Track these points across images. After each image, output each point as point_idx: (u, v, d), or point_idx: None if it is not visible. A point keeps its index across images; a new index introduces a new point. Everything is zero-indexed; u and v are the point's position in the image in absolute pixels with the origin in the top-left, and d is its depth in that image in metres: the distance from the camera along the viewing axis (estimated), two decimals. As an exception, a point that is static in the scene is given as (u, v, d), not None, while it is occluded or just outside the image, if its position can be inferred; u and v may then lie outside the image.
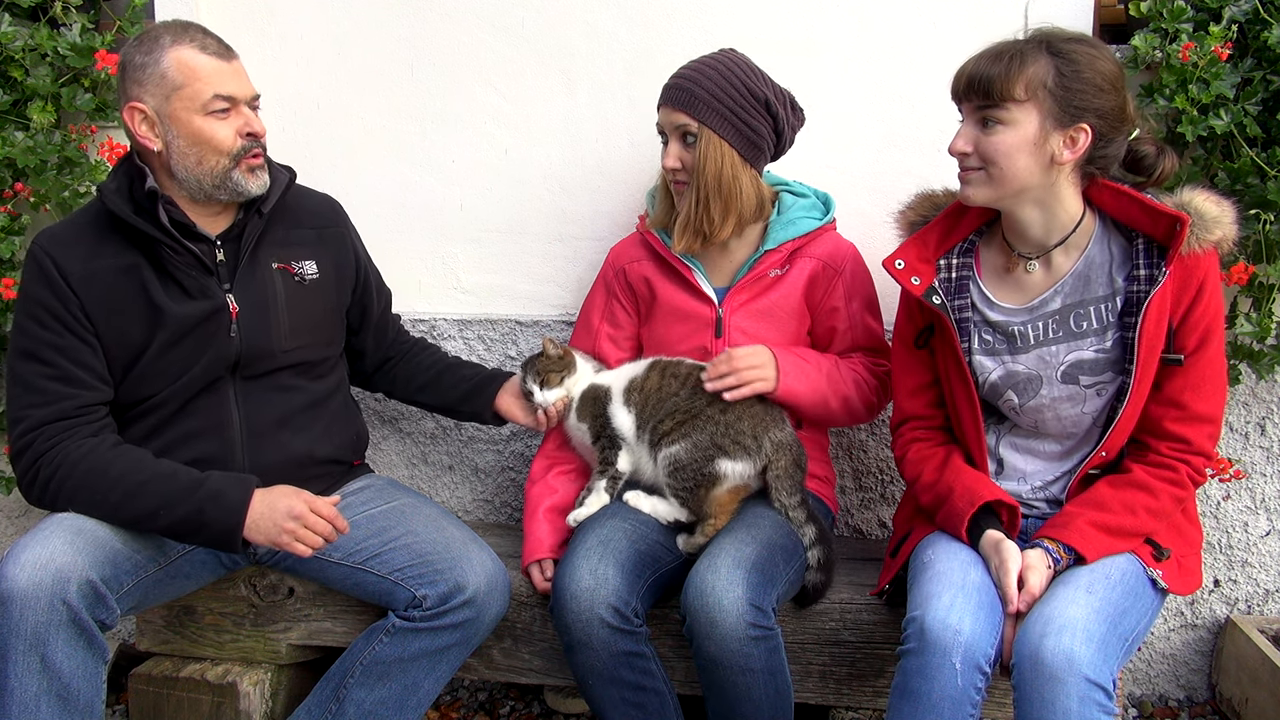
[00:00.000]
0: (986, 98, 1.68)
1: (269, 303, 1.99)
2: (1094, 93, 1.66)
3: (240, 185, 1.91)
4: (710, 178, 2.01)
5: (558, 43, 2.51)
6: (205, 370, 1.94)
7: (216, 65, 1.87)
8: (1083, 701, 1.49)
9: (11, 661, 1.66)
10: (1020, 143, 1.68)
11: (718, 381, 1.97)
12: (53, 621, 1.67)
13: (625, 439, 2.06)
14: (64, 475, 1.81)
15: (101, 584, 1.73)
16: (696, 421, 1.96)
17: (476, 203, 2.61)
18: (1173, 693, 2.46)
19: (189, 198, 1.92)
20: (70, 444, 1.82)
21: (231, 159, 1.89)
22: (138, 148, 1.91)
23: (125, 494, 1.80)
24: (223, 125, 1.88)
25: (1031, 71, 1.66)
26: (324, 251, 2.10)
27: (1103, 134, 1.69)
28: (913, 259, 1.85)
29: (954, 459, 1.87)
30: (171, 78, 1.84)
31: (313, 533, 1.82)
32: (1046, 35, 1.70)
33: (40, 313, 1.85)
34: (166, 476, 1.82)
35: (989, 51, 1.71)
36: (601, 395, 2.10)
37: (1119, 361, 1.76)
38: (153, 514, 1.80)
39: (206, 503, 1.79)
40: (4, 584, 1.67)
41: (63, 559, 1.70)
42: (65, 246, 1.88)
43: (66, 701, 1.70)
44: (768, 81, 2.05)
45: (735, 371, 1.97)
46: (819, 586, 1.96)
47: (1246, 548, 2.39)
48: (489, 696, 2.52)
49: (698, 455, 1.95)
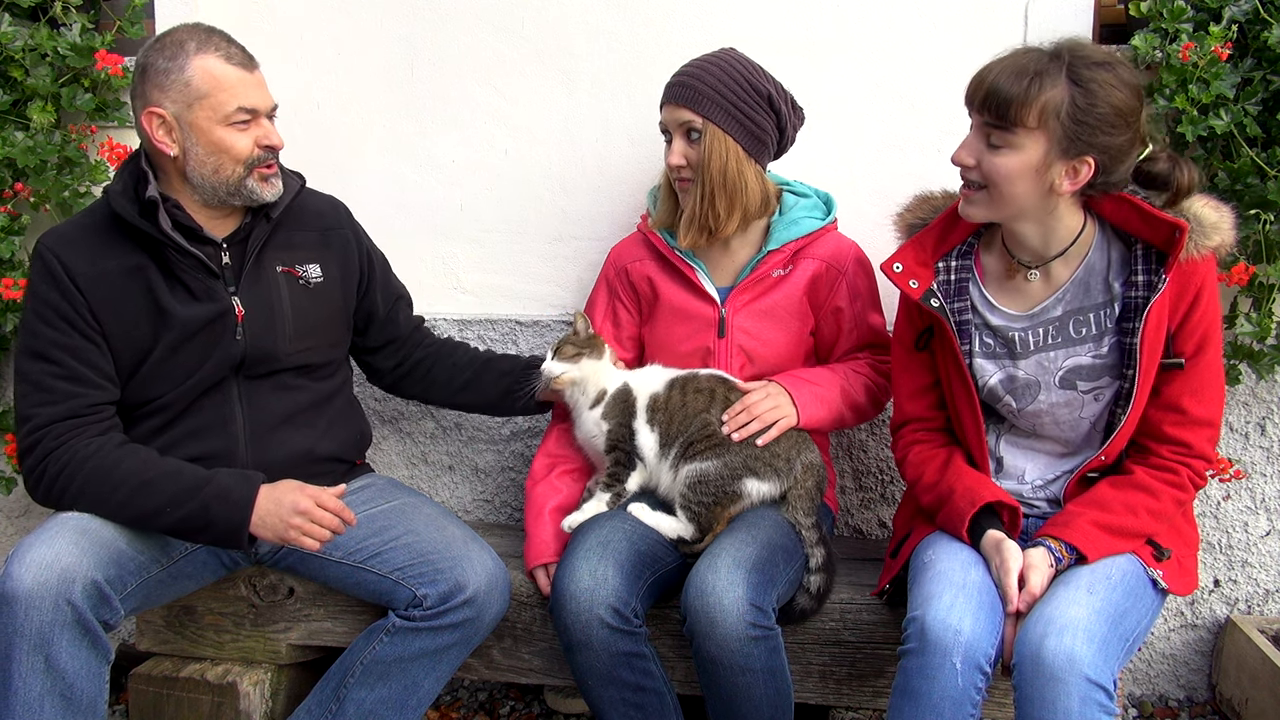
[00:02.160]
0: (999, 118, 1.65)
1: (273, 306, 1.99)
2: (1104, 129, 1.63)
3: (254, 192, 1.92)
4: (716, 172, 2.01)
5: (558, 43, 2.51)
6: (210, 372, 1.94)
7: (240, 76, 1.87)
8: (1084, 702, 1.49)
9: (16, 661, 1.66)
10: (1022, 168, 1.66)
11: (743, 430, 1.96)
12: (57, 622, 1.67)
13: (644, 458, 2.04)
14: (70, 473, 1.81)
15: (106, 584, 1.73)
16: (734, 445, 1.96)
17: (476, 203, 2.61)
18: (1173, 693, 2.46)
19: (201, 202, 1.93)
20: (77, 443, 1.82)
21: (246, 168, 1.89)
22: (149, 151, 1.91)
23: (131, 492, 1.80)
24: (242, 136, 1.88)
25: (1047, 99, 1.62)
26: (329, 254, 2.09)
27: (1105, 166, 1.67)
28: (911, 262, 1.85)
29: (955, 460, 1.87)
30: (196, 86, 1.84)
31: (320, 526, 1.84)
32: (1070, 53, 1.65)
33: (47, 312, 1.86)
34: (172, 475, 1.82)
35: (1010, 65, 1.66)
36: (631, 403, 2.06)
37: (1116, 366, 1.76)
38: (158, 512, 1.80)
39: (212, 500, 1.80)
40: (9, 584, 1.67)
41: (68, 559, 1.70)
42: (72, 247, 1.88)
43: (70, 702, 1.70)
44: (769, 78, 2.06)
45: (757, 417, 1.96)
46: (806, 611, 1.95)
47: (1246, 548, 2.39)
48: (489, 696, 2.52)
49: (726, 474, 1.94)
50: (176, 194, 1.92)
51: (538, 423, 2.59)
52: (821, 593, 1.94)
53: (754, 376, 2.12)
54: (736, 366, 2.12)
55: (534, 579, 2.08)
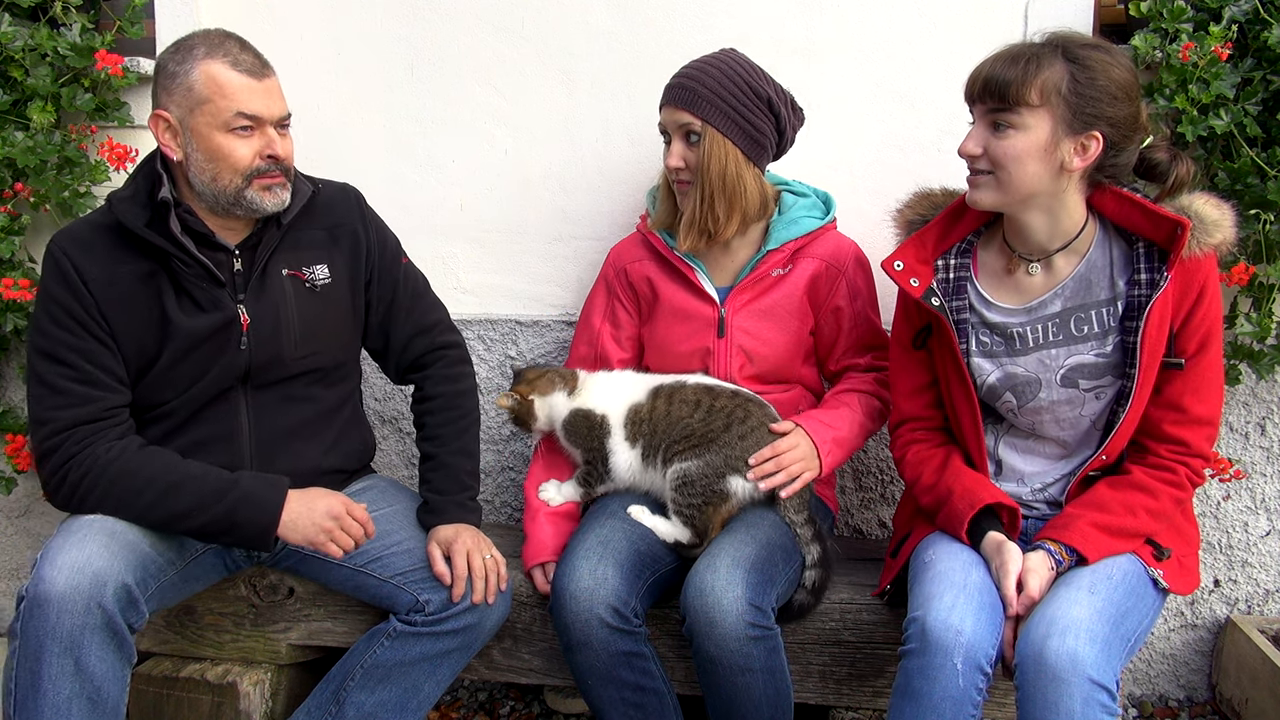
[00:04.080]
0: (1000, 101, 1.67)
1: (279, 311, 1.96)
2: (1108, 101, 1.65)
3: (255, 203, 1.88)
4: (715, 176, 2.01)
5: (558, 43, 2.51)
6: (214, 381, 1.93)
7: (245, 83, 1.84)
8: (1086, 703, 1.49)
9: (46, 664, 1.66)
10: (1031, 148, 1.67)
11: (768, 481, 1.94)
12: (88, 625, 1.67)
13: (618, 477, 2.06)
14: (94, 478, 1.80)
15: (135, 587, 1.73)
16: (713, 445, 1.96)
17: (476, 203, 2.61)
18: (1173, 693, 2.46)
19: (208, 209, 1.91)
20: (99, 446, 1.81)
21: (245, 179, 1.85)
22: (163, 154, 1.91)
23: (158, 495, 1.80)
24: (242, 144, 1.84)
25: (1046, 76, 1.64)
26: (336, 253, 2.05)
27: (1114, 143, 1.68)
28: (911, 260, 1.85)
29: (953, 460, 1.87)
30: (197, 91, 1.82)
31: (347, 535, 1.87)
32: (1062, 39, 1.69)
33: (59, 313, 1.85)
34: (198, 478, 1.82)
35: (1004, 54, 1.69)
36: (595, 424, 2.06)
37: (1119, 365, 1.76)
38: (186, 514, 1.80)
39: (239, 504, 1.80)
40: (42, 586, 1.66)
41: (100, 562, 1.69)
42: (85, 249, 1.86)
43: (96, 705, 1.69)
44: (769, 80, 2.06)
45: (783, 468, 1.95)
46: (804, 607, 1.95)
47: (1247, 548, 2.39)
48: (489, 697, 2.52)
49: (708, 472, 1.94)
50: (188, 199, 1.90)
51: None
52: (818, 587, 1.94)
53: (753, 376, 2.12)
54: (736, 366, 2.12)
55: (532, 578, 2.08)
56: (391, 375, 2.22)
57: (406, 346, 2.14)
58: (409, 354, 2.15)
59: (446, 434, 2.10)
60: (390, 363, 2.18)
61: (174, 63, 1.84)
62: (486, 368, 2.61)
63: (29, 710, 1.66)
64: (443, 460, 2.08)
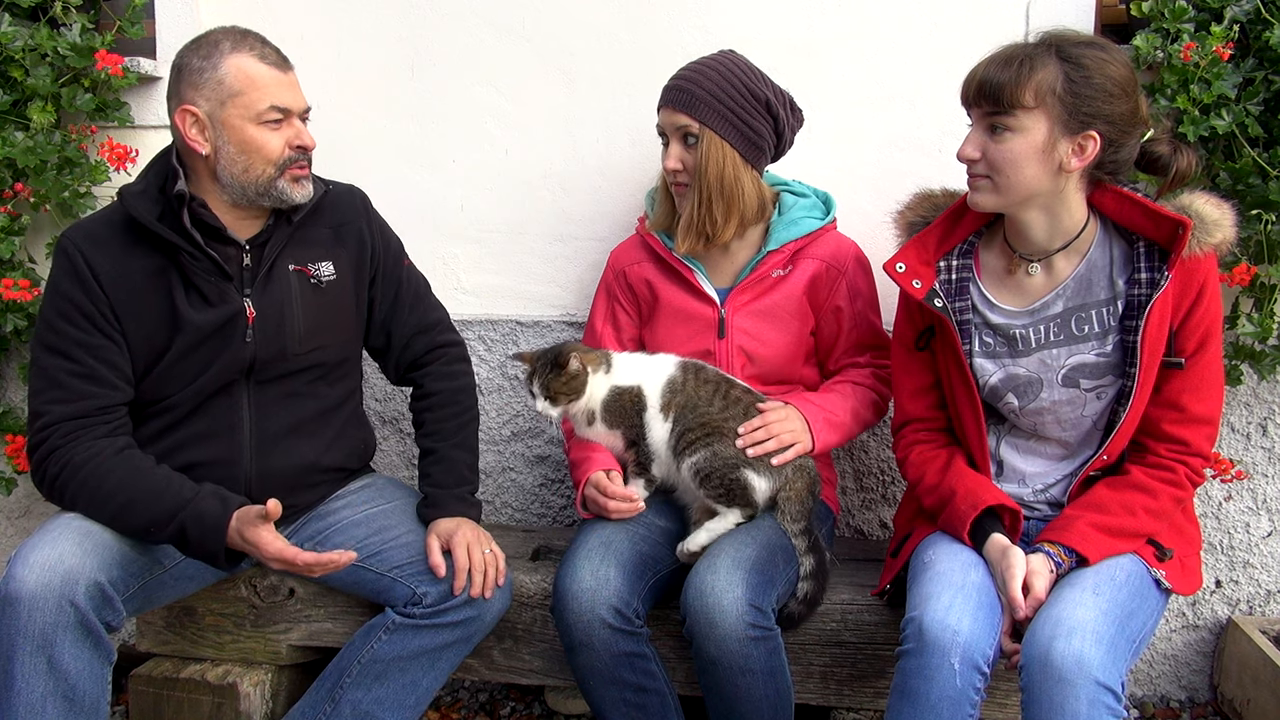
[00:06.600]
0: (996, 104, 1.67)
1: (284, 306, 1.97)
2: (1104, 99, 1.65)
3: (285, 193, 1.91)
4: (712, 179, 2.00)
5: (558, 43, 2.51)
6: (218, 374, 1.93)
7: (274, 76, 1.88)
8: (1092, 705, 1.49)
9: (18, 662, 1.67)
10: (1028, 150, 1.67)
11: (758, 448, 1.93)
12: (60, 623, 1.67)
13: (657, 454, 2.00)
14: (67, 478, 1.82)
15: (109, 586, 1.74)
16: (725, 439, 1.93)
17: (476, 203, 2.61)
18: (1174, 693, 2.46)
19: (230, 201, 1.92)
20: (78, 445, 1.82)
21: (277, 169, 1.89)
22: (182, 149, 1.91)
23: (117, 509, 1.81)
24: (274, 135, 1.88)
25: (1040, 77, 1.64)
26: (341, 251, 2.06)
27: (1112, 140, 1.68)
28: (913, 262, 1.85)
29: (956, 461, 1.87)
30: (229, 84, 1.84)
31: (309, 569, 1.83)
32: (1056, 39, 1.68)
33: (69, 308, 1.85)
34: (155, 494, 1.81)
35: (998, 56, 1.69)
36: (630, 400, 2.00)
37: (1119, 365, 1.76)
38: (142, 531, 1.82)
39: (189, 524, 1.79)
40: (12, 585, 1.67)
41: (71, 560, 1.70)
42: (97, 244, 1.87)
43: (73, 703, 1.70)
44: (767, 82, 2.05)
45: (774, 436, 1.94)
46: (795, 617, 1.92)
47: (1248, 548, 2.38)
48: (490, 697, 2.52)
49: (718, 464, 1.92)
50: (205, 193, 1.91)
51: (538, 423, 2.59)
52: (811, 599, 1.92)
53: (754, 377, 2.12)
54: (737, 367, 2.11)
55: (591, 490, 2.00)
56: (391, 374, 2.22)
57: (408, 345, 2.16)
58: (410, 353, 2.16)
59: (446, 429, 2.11)
60: (391, 361, 2.19)
61: (199, 58, 1.86)
62: (487, 368, 2.61)
63: (2, 708, 1.67)
64: (442, 454, 2.08)
